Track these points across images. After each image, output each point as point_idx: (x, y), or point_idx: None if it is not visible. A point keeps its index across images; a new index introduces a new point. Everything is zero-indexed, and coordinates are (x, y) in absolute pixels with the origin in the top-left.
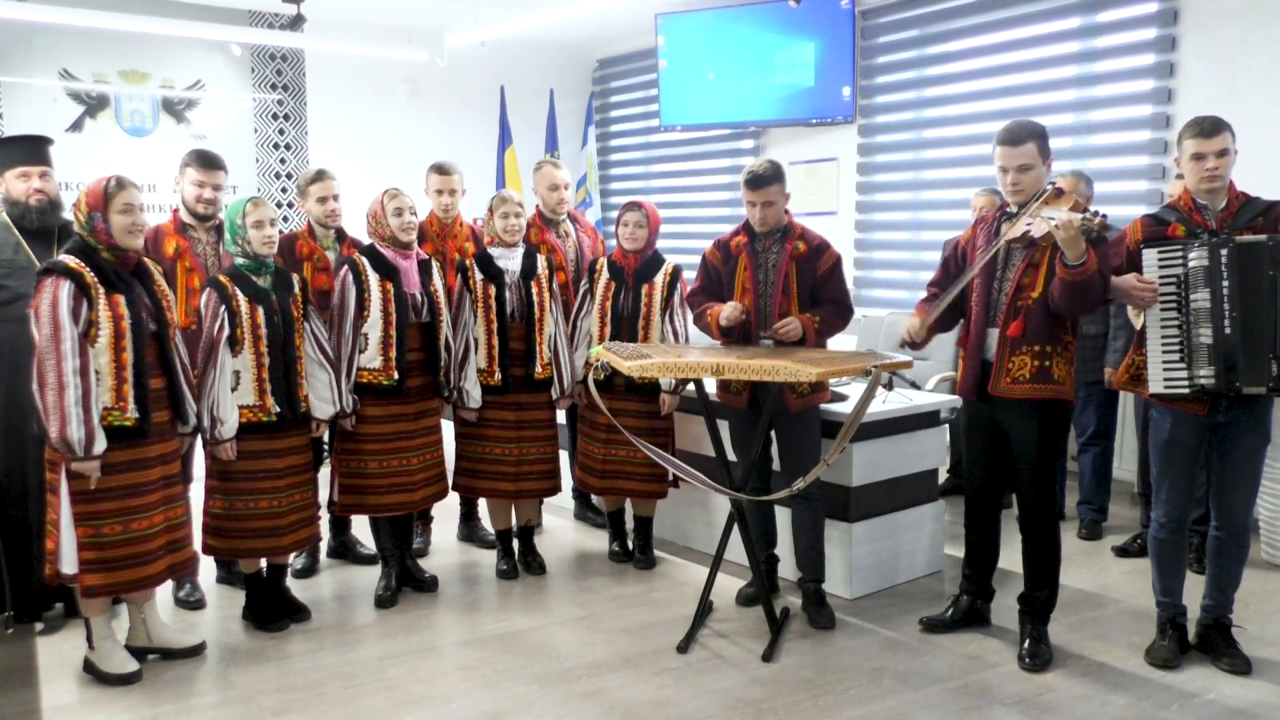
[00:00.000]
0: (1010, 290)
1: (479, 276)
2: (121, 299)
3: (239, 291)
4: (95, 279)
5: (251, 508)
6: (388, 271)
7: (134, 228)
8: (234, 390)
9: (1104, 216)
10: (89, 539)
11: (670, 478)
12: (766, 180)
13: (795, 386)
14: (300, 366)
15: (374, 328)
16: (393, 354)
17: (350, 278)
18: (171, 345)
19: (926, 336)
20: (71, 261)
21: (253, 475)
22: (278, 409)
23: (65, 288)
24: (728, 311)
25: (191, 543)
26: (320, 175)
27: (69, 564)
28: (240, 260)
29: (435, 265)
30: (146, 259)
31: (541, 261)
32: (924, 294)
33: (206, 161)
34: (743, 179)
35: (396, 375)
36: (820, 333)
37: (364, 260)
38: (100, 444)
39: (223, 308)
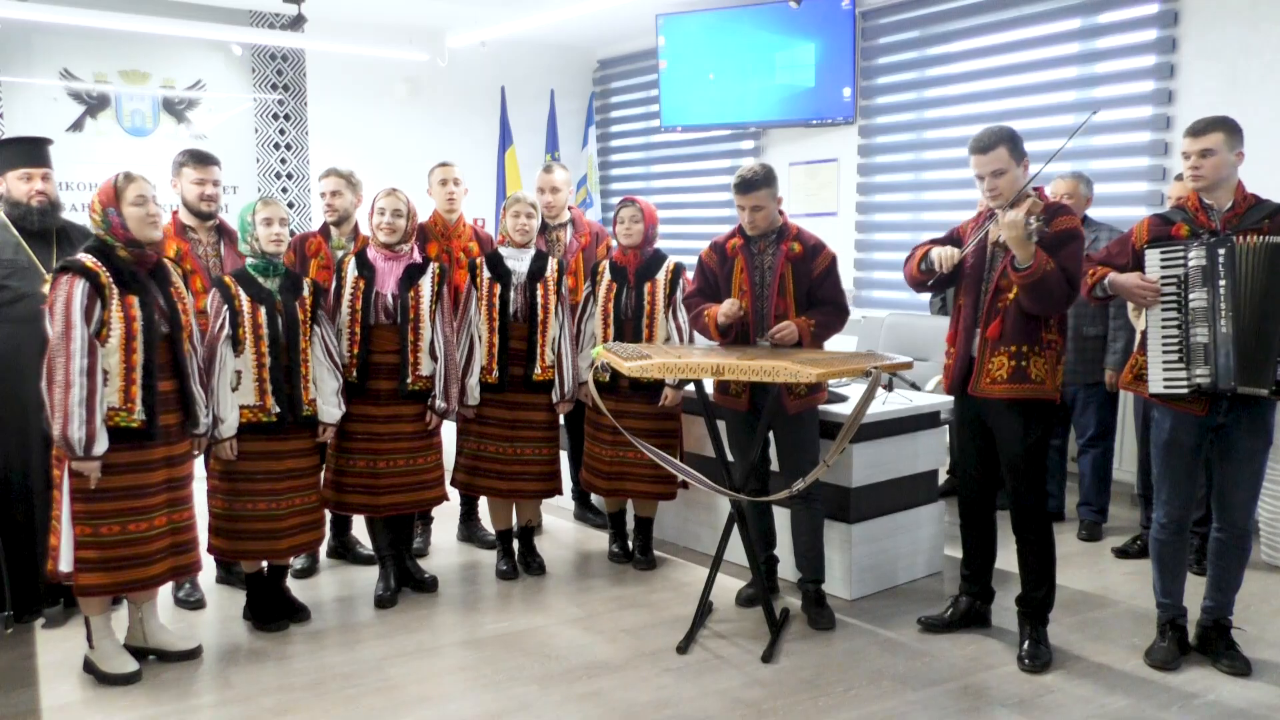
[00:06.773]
0: (990, 291)
1: (486, 275)
2: (135, 300)
3: (242, 292)
4: (110, 279)
5: (250, 509)
6: (362, 270)
7: (149, 219)
8: (235, 390)
9: (1043, 222)
10: (86, 538)
11: (679, 480)
12: (755, 185)
13: (793, 387)
14: (305, 369)
15: (343, 324)
16: (356, 351)
17: (336, 272)
18: (184, 348)
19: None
20: (88, 260)
21: (252, 476)
22: (278, 409)
23: (80, 286)
24: (725, 308)
25: (197, 545)
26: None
27: (66, 562)
28: (250, 261)
29: (434, 268)
30: (168, 260)
31: (551, 264)
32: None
33: (201, 159)
34: (733, 183)
35: (355, 373)
36: (816, 335)
37: (350, 258)
38: (101, 445)
39: (225, 308)
